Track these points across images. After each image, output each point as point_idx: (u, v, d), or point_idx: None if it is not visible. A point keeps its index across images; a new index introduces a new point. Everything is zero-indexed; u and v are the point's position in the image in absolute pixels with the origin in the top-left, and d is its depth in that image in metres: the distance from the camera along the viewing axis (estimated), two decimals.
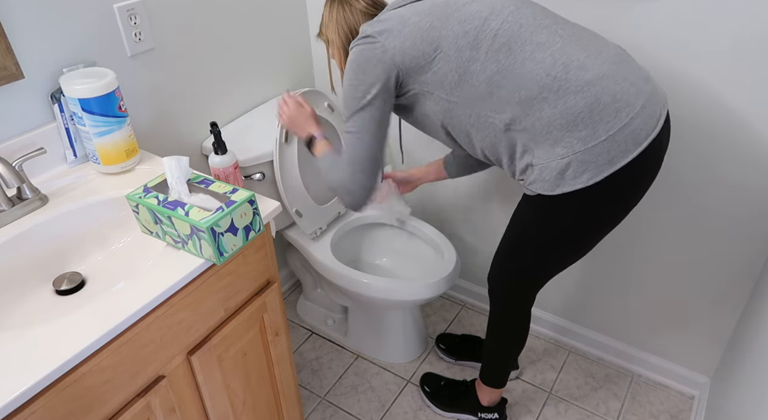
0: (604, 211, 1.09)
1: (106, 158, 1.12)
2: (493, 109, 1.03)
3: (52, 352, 0.76)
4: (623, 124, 0.98)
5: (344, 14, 1.17)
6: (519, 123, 1.02)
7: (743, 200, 1.31)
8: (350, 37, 1.18)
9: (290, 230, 1.67)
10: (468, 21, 1.01)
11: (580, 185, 1.01)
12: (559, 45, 1.00)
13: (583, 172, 1.00)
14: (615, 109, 0.98)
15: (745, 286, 1.42)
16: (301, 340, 1.89)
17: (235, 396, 1.12)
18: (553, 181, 1.02)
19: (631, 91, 1.00)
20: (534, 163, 1.04)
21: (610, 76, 0.99)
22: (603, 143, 0.98)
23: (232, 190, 0.94)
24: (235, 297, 1.04)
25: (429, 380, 1.68)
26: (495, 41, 1.00)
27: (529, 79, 0.99)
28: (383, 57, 1.04)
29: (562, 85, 0.98)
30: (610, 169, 1.00)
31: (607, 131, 0.98)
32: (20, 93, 1.07)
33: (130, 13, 1.20)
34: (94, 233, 1.05)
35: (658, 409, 1.63)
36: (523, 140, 1.04)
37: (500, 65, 1.00)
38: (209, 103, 1.48)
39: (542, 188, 1.05)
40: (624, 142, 0.99)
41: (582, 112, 0.98)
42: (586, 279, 1.67)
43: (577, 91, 0.98)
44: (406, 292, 1.52)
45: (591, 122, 0.98)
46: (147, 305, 0.85)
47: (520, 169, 1.08)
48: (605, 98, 0.98)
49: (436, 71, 1.04)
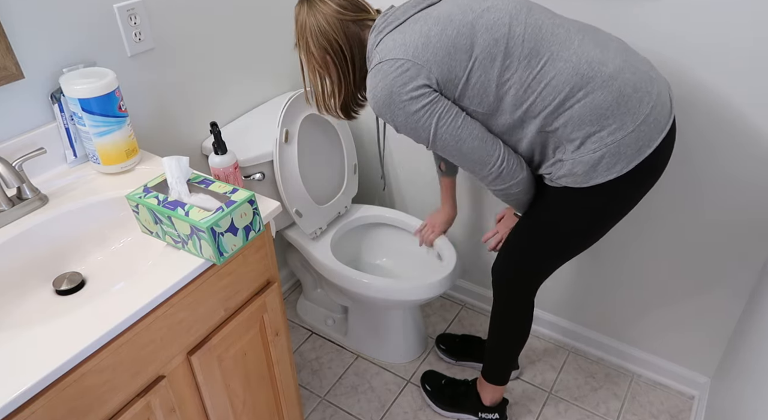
0: (627, 199, 1.11)
1: (106, 158, 1.12)
2: (529, 114, 1.03)
3: (52, 352, 0.76)
4: (647, 113, 1.01)
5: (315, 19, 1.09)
6: (552, 124, 1.03)
7: (743, 200, 1.31)
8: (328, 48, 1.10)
9: (290, 230, 1.67)
10: (495, 28, 1.00)
11: (613, 175, 1.03)
12: (576, 42, 1.01)
13: (616, 163, 1.02)
14: (638, 100, 1.01)
15: (745, 286, 1.42)
16: (301, 340, 1.89)
17: (235, 396, 1.12)
18: (586, 175, 1.04)
19: (646, 79, 1.02)
20: (565, 159, 1.05)
21: (627, 68, 1.01)
22: (632, 134, 1.01)
23: (232, 190, 0.94)
24: (235, 297, 1.04)
25: (430, 379, 1.68)
26: (524, 47, 1.00)
27: (561, 80, 0.99)
28: (419, 71, 1.00)
29: (589, 81, 0.99)
30: (639, 157, 1.02)
31: (634, 122, 1.01)
32: (20, 93, 1.07)
33: (130, 13, 1.20)
34: (94, 233, 1.05)
35: (658, 409, 1.63)
36: (555, 139, 1.05)
37: (533, 70, 1.00)
38: (209, 103, 1.48)
39: (573, 181, 1.06)
40: (649, 131, 1.02)
41: (610, 105, 1.00)
42: (587, 279, 1.67)
43: (603, 86, 0.99)
44: (406, 292, 1.52)
45: (619, 114, 1.00)
46: (147, 305, 0.85)
47: (548, 165, 1.09)
48: (627, 90, 1.00)
49: (474, 83, 1.01)
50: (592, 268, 1.64)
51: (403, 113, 1.02)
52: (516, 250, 1.26)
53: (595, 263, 1.62)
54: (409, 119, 1.03)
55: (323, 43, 1.09)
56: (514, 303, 1.35)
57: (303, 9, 1.10)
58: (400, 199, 1.92)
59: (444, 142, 1.05)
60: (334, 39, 1.09)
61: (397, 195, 1.92)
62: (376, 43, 1.06)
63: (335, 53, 1.10)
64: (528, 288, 1.32)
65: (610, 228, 1.17)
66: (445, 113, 1.02)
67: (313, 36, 1.09)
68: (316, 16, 1.08)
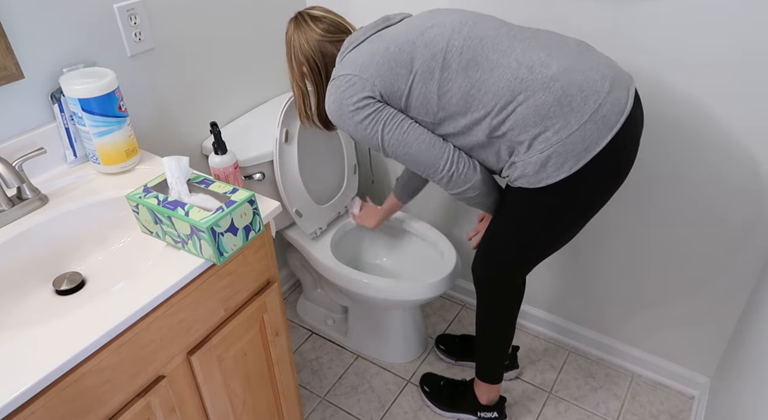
0: (586, 198, 1.13)
1: (106, 158, 1.12)
2: (473, 122, 1.08)
3: (52, 352, 0.76)
4: (593, 110, 1.02)
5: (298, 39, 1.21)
6: (498, 129, 1.06)
7: (743, 200, 1.31)
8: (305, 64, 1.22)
9: (290, 230, 1.67)
10: (433, 44, 1.06)
11: (562, 175, 1.05)
12: (520, 49, 1.05)
13: (564, 162, 1.04)
14: (582, 98, 1.02)
15: (745, 286, 1.42)
16: (301, 340, 1.89)
17: (235, 396, 1.12)
18: (536, 175, 1.06)
19: (596, 78, 1.04)
20: (516, 161, 1.08)
21: (574, 69, 1.03)
22: (576, 132, 1.02)
23: (232, 190, 0.94)
24: (235, 297, 1.04)
25: (428, 380, 1.68)
26: (462, 58, 1.05)
27: (500, 86, 1.03)
28: (365, 85, 1.08)
29: (529, 84, 1.02)
30: (588, 155, 1.04)
31: (578, 120, 1.02)
32: (20, 93, 1.07)
33: (130, 13, 1.20)
34: (94, 233, 1.05)
35: (658, 409, 1.63)
36: (505, 143, 1.08)
37: (471, 79, 1.05)
38: (209, 103, 1.48)
39: (527, 183, 1.08)
40: (596, 128, 1.03)
41: (552, 106, 1.02)
42: (586, 279, 1.67)
43: (544, 88, 1.02)
44: (406, 292, 1.52)
45: (562, 114, 1.02)
46: (147, 305, 0.85)
47: (506, 168, 1.12)
48: (571, 90, 1.02)
49: (417, 95, 1.08)
50: (592, 268, 1.64)
51: (352, 122, 1.11)
52: (492, 246, 1.28)
53: (595, 263, 1.62)
54: (358, 127, 1.11)
55: (302, 59, 1.22)
56: (496, 299, 1.37)
57: (291, 26, 1.23)
58: None
59: (392, 147, 1.13)
60: (312, 58, 1.21)
61: None
62: (339, 62, 1.16)
63: (311, 69, 1.22)
64: (508, 282, 1.33)
65: (578, 226, 1.18)
66: (390, 120, 1.10)
67: (295, 52, 1.22)
68: (299, 37, 1.20)
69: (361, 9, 1.59)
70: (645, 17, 1.21)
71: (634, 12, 1.22)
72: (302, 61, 1.22)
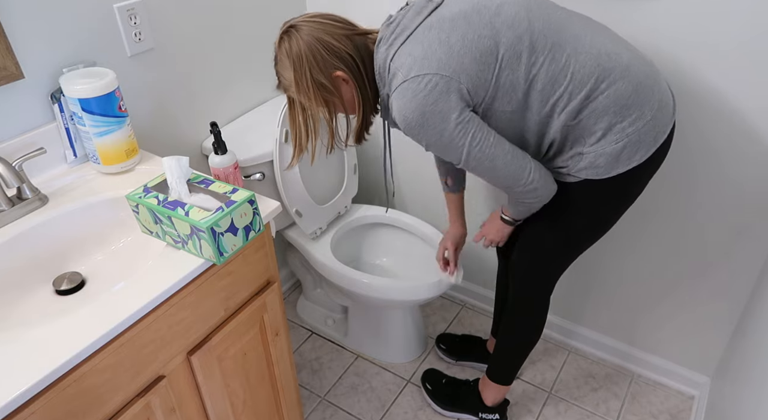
0: (640, 187, 1.13)
1: (106, 158, 1.12)
2: (555, 109, 1.01)
3: (52, 352, 0.76)
4: (659, 99, 1.02)
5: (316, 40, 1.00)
6: (576, 117, 1.01)
7: (744, 199, 1.31)
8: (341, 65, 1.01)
9: (290, 230, 1.67)
10: (516, 25, 0.96)
11: (633, 164, 1.03)
12: (590, 34, 1.01)
13: (636, 152, 1.03)
14: (650, 88, 1.01)
15: (745, 286, 1.42)
16: (301, 340, 1.89)
17: (235, 396, 1.12)
18: (608, 166, 1.04)
19: (652, 67, 1.04)
20: (585, 152, 1.04)
21: (635, 57, 1.02)
22: (650, 122, 1.01)
23: (232, 190, 0.94)
24: (235, 297, 1.04)
25: (430, 377, 1.68)
26: (547, 41, 0.97)
27: (585, 72, 0.98)
28: (449, 86, 0.94)
29: (609, 73, 0.98)
30: (656, 144, 1.04)
31: (651, 110, 1.01)
32: (20, 93, 1.07)
33: (130, 13, 1.20)
34: (94, 233, 1.05)
35: (658, 409, 1.63)
36: (576, 132, 1.03)
37: (558, 64, 0.97)
38: (209, 103, 1.48)
39: (594, 174, 1.05)
40: (663, 117, 1.03)
41: (630, 95, 0.99)
42: (586, 279, 1.67)
43: (623, 76, 0.99)
44: (406, 292, 1.52)
45: (638, 103, 1.00)
46: (147, 305, 0.85)
47: (565, 158, 1.07)
48: (641, 78, 1.00)
49: (503, 83, 0.98)
50: (592, 268, 1.64)
51: (436, 133, 0.97)
52: (540, 253, 1.24)
53: (595, 263, 1.62)
54: (442, 138, 0.98)
55: (334, 62, 1.00)
56: (536, 305, 1.34)
57: (293, 38, 1.01)
58: (400, 199, 1.92)
59: (477, 160, 1.01)
60: (347, 53, 1.01)
61: (397, 195, 1.92)
62: (389, 57, 1.00)
63: (351, 70, 1.02)
64: (549, 288, 1.32)
65: (620, 217, 1.18)
66: (477, 131, 0.98)
67: (318, 60, 1.00)
68: (316, 37, 0.99)
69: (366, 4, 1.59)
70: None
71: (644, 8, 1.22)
72: (334, 62, 1.00)
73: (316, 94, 1.04)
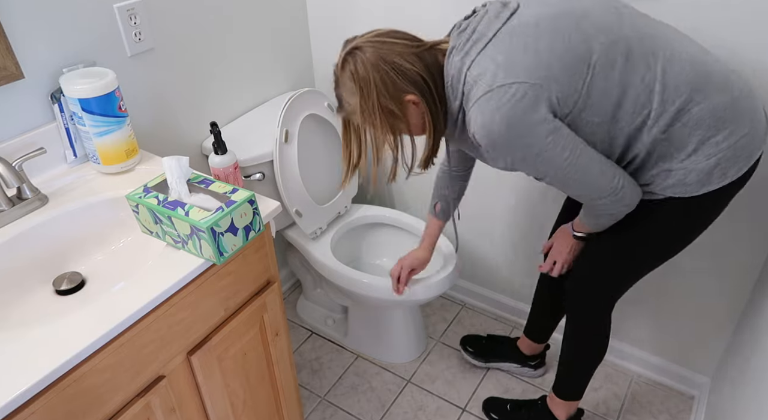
0: (725, 204, 1.04)
1: (106, 158, 1.12)
2: (648, 120, 0.92)
3: (52, 352, 0.76)
4: (754, 112, 0.95)
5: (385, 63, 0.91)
6: (667, 130, 0.93)
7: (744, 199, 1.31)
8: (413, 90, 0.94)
9: (290, 230, 1.68)
10: (608, 30, 0.90)
11: (726, 182, 0.96)
12: (681, 41, 0.94)
13: (729, 168, 0.95)
14: (745, 100, 0.94)
15: (745, 286, 1.42)
16: (301, 340, 1.89)
17: (235, 396, 1.12)
18: (699, 183, 0.96)
19: (743, 78, 0.96)
20: (674, 168, 0.96)
21: (726, 68, 0.95)
22: (746, 136, 0.94)
23: (232, 190, 0.94)
24: (235, 297, 1.04)
25: (493, 406, 1.59)
26: (642, 45, 0.90)
27: (681, 80, 0.90)
28: (538, 95, 0.87)
29: (706, 83, 0.91)
30: (751, 161, 0.96)
31: (748, 123, 0.94)
32: (20, 93, 1.07)
33: (130, 13, 1.20)
34: (94, 233, 1.05)
35: (658, 409, 1.63)
36: (664, 146, 0.94)
37: (653, 71, 0.90)
38: (209, 103, 1.48)
39: (683, 191, 0.97)
40: (757, 131, 0.95)
41: (727, 108, 0.92)
42: None
43: (721, 88, 0.92)
44: (406, 292, 1.52)
45: (734, 117, 0.93)
46: (147, 305, 0.85)
47: (649, 175, 0.99)
48: (737, 90, 0.93)
49: (596, 91, 0.90)
50: None
51: (523, 146, 0.90)
52: (604, 273, 1.18)
53: None
54: (530, 153, 0.91)
55: (404, 85, 0.93)
56: (597, 323, 1.28)
57: (358, 60, 0.92)
58: (401, 199, 1.92)
59: (566, 172, 0.93)
60: (418, 75, 0.93)
61: (398, 195, 1.92)
62: (465, 67, 0.92)
63: (422, 91, 0.95)
64: (611, 305, 1.25)
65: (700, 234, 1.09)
66: (568, 143, 0.91)
67: (388, 84, 0.92)
68: (384, 58, 0.92)
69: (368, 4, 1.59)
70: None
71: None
72: (404, 87, 0.93)
73: (383, 120, 0.96)
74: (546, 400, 1.50)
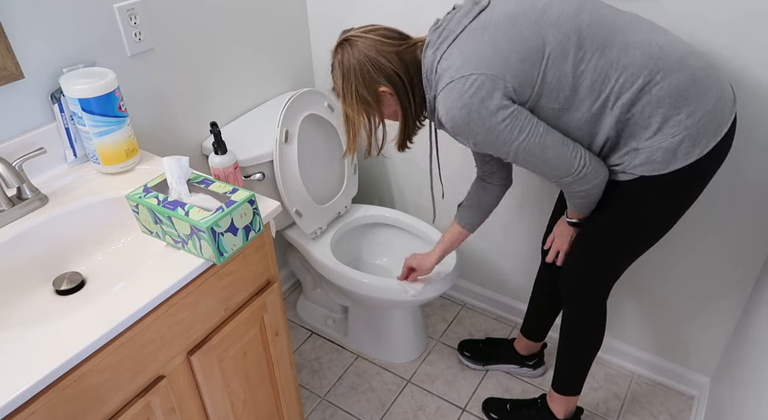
0: (701, 184, 1.08)
1: (106, 158, 1.12)
2: (607, 104, 1.00)
3: (52, 352, 0.76)
4: (718, 90, 0.99)
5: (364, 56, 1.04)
6: (629, 111, 0.99)
7: (744, 200, 1.31)
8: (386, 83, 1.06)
9: (290, 230, 1.68)
10: (562, 24, 0.97)
11: (693, 159, 1.00)
12: (641, 29, 0.99)
13: (694, 145, 0.99)
14: (707, 79, 0.98)
15: (745, 286, 1.42)
16: (301, 340, 1.89)
17: (235, 396, 1.12)
18: (665, 161, 1.00)
19: (708, 61, 1.01)
20: (641, 147, 1.01)
21: (690, 52, 1.00)
22: (710, 113, 0.98)
23: (232, 190, 0.94)
24: (235, 297, 1.04)
25: (493, 406, 1.60)
26: (596, 36, 0.97)
27: (636, 65, 0.97)
28: (495, 84, 0.96)
29: (663, 64, 0.97)
30: (717, 137, 1.00)
31: (710, 101, 0.98)
32: (20, 93, 1.07)
33: (130, 13, 1.20)
34: (94, 233, 1.05)
35: (658, 409, 1.63)
36: (630, 127, 1.01)
37: (607, 59, 0.97)
38: (209, 103, 1.48)
39: (651, 169, 1.02)
40: (723, 107, 0.99)
41: (688, 86, 0.97)
42: None
43: (679, 68, 0.97)
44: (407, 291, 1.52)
45: (697, 94, 0.97)
46: (147, 305, 0.85)
47: (620, 155, 1.05)
48: (698, 70, 0.98)
49: (550, 80, 0.98)
50: None
51: (483, 130, 0.99)
52: (591, 258, 1.22)
53: None
54: (490, 135, 0.99)
55: (380, 79, 1.06)
56: (592, 312, 1.30)
57: (346, 51, 1.06)
58: (401, 199, 1.92)
59: (527, 152, 1.02)
60: (393, 71, 1.05)
61: (398, 195, 1.92)
62: (436, 60, 1.02)
63: (395, 86, 1.07)
64: (605, 293, 1.27)
65: (682, 215, 1.13)
66: (526, 124, 0.99)
67: (363, 75, 1.05)
68: (366, 54, 1.04)
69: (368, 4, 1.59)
70: None
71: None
72: (379, 80, 1.06)
73: (358, 106, 1.10)
74: (545, 398, 1.50)
